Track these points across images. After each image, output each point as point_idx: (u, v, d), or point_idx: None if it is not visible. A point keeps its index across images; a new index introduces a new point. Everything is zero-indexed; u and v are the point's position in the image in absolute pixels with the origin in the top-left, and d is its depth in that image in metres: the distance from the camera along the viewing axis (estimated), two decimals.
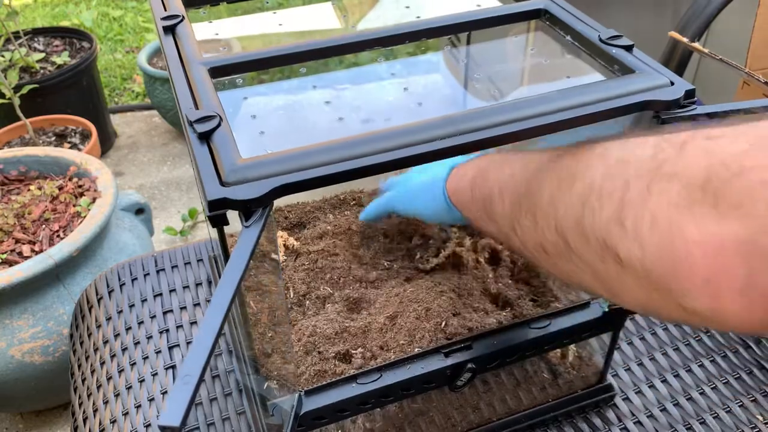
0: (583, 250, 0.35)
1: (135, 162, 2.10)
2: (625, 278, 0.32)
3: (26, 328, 1.13)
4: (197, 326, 0.71)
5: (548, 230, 0.37)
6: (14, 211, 1.24)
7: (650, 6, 1.67)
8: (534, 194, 0.39)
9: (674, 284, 0.29)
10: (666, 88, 0.43)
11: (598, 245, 0.33)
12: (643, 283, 0.31)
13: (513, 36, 0.58)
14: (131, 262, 0.79)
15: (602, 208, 0.32)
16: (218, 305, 0.29)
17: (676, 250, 0.28)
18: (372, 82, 0.57)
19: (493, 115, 0.40)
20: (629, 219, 0.31)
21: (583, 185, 0.34)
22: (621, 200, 0.31)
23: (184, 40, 0.49)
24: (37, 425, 1.36)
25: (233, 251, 0.32)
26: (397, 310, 0.54)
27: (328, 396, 0.48)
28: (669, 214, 0.29)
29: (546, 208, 0.37)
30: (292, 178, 0.36)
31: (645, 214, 0.30)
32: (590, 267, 0.35)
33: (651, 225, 0.29)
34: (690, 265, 0.28)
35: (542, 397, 0.60)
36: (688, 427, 0.61)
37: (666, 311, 0.32)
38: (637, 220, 0.30)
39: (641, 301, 0.33)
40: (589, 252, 0.34)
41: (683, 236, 0.28)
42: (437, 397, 0.55)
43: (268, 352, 0.49)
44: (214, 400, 0.64)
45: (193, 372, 0.26)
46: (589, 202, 0.33)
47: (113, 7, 2.98)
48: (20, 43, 1.94)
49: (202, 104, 0.41)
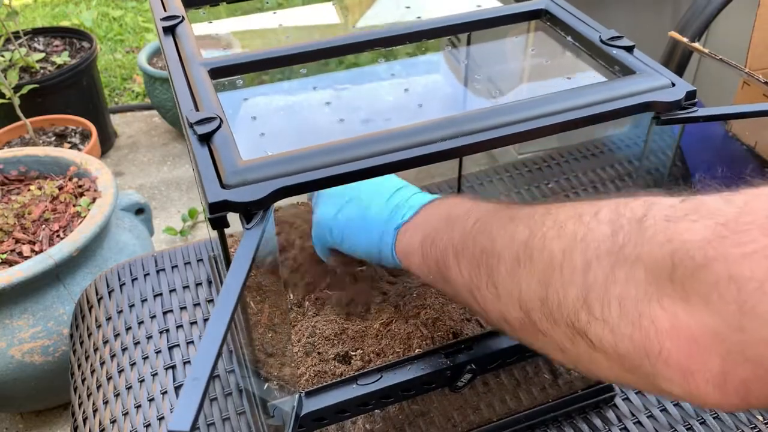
0: (550, 330, 0.34)
1: (135, 162, 2.10)
2: (596, 357, 0.32)
3: (26, 328, 1.13)
4: (197, 326, 0.71)
5: (512, 306, 0.37)
6: (14, 211, 1.24)
7: (650, 6, 1.67)
8: (493, 267, 0.38)
9: (650, 370, 0.29)
10: (667, 90, 0.43)
11: (566, 327, 0.33)
12: (615, 364, 0.31)
13: (513, 36, 0.58)
14: (131, 262, 0.79)
15: (566, 290, 0.32)
16: (223, 308, 0.29)
17: (649, 341, 0.29)
18: (372, 83, 0.57)
19: (494, 117, 0.40)
20: (596, 304, 0.31)
21: (543, 263, 0.34)
22: (584, 283, 0.31)
23: (184, 40, 0.49)
24: (37, 425, 1.36)
25: (235, 254, 0.32)
26: (391, 317, 0.54)
27: (328, 397, 0.48)
28: (638, 304, 0.29)
29: (508, 283, 0.37)
30: (294, 181, 0.36)
31: (612, 301, 0.30)
32: (558, 345, 0.35)
33: (620, 314, 0.30)
34: (665, 357, 0.28)
35: (542, 398, 0.60)
36: (688, 428, 0.61)
37: (641, 387, 0.33)
38: (605, 306, 0.30)
39: (613, 377, 0.34)
40: (557, 332, 0.34)
41: (656, 328, 0.28)
42: (437, 397, 0.55)
43: (268, 352, 0.49)
44: (214, 401, 0.64)
45: (201, 375, 0.26)
46: (552, 283, 0.33)
47: (113, 7, 2.98)
48: (20, 43, 1.94)
49: (202, 106, 0.41)
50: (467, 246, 0.41)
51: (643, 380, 0.31)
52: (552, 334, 0.34)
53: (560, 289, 0.33)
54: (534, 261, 0.35)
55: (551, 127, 0.40)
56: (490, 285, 0.38)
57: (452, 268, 0.42)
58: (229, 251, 0.39)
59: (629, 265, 0.30)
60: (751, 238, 0.26)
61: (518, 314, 0.36)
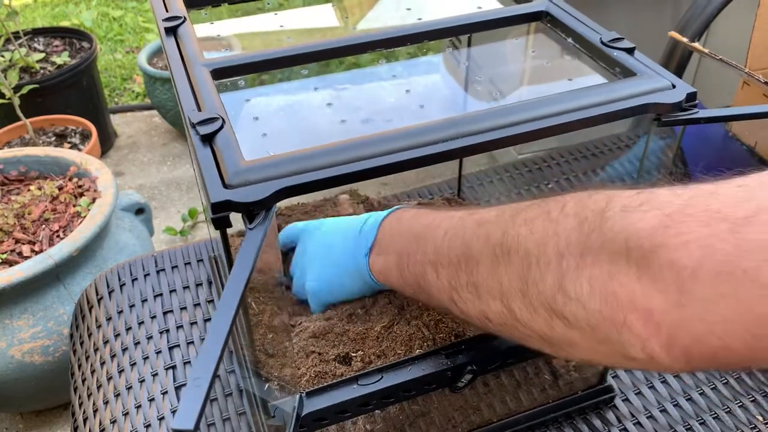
0: (529, 319, 0.38)
1: (135, 162, 2.10)
2: (572, 335, 0.37)
3: (26, 328, 1.13)
4: (198, 326, 0.71)
5: (493, 302, 0.41)
6: (14, 211, 1.24)
7: (650, 6, 1.67)
8: (472, 270, 0.41)
9: (617, 338, 0.34)
10: (668, 91, 0.43)
11: (545, 312, 0.37)
12: (589, 337, 0.36)
13: (514, 38, 0.58)
14: (131, 262, 0.79)
15: (544, 279, 0.36)
16: (225, 308, 0.29)
17: (615, 313, 0.33)
18: (374, 84, 0.57)
19: (495, 118, 0.40)
20: (570, 286, 0.35)
21: (519, 259, 0.38)
22: (559, 271, 0.36)
23: (186, 41, 0.49)
24: (37, 425, 1.36)
25: (238, 254, 0.32)
26: (393, 319, 0.54)
27: (329, 397, 0.48)
28: (603, 282, 0.34)
29: (488, 282, 0.40)
30: (296, 181, 0.36)
31: (583, 282, 0.34)
32: (537, 333, 0.39)
33: (590, 291, 0.34)
34: (628, 326, 0.33)
35: (542, 398, 0.61)
36: (688, 428, 0.61)
37: (610, 360, 0.39)
38: (577, 287, 0.35)
39: (586, 353, 0.38)
40: (536, 320, 0.38)
41: (619, 303, 0.33)
42: (438, 398, 0.56)
43: (269, 353, 0.49)
44: (215, 401, 0.64)
45: (204, 375, 0.26)
46: (530, 275, 0.37)
47: (113, 7, 2.98)
48: (20, 43, 1.94)
49: (204, 106, 0.42)
50: (443, 256, 0.44)
51: (612, 350, 0.35)
52: (531, 323, 0.38)
53: (539, 280, 0.37)
54: (512, 258, 0.39)
55: (552, 129, 0.41)
56: (470, 286, 0.42)
57: (431, 280, 0.45)
58: (231, 251, 0.39)
59: (595, 251, 0.34)
60: (689, 229, 0.30)
61: (499, 308, 0.40)
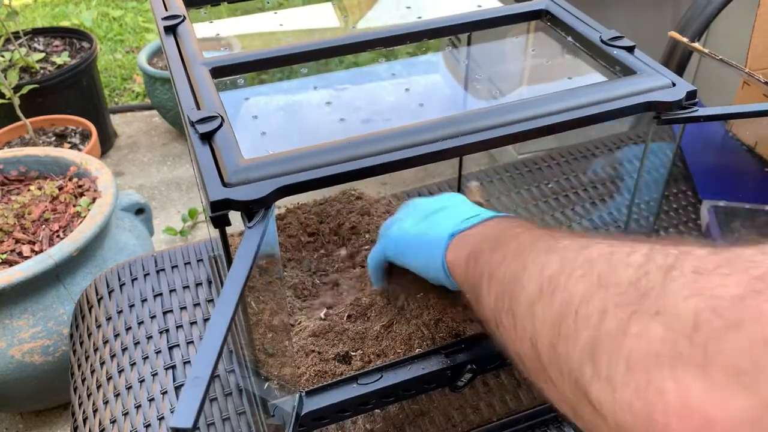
0: (559, 380, 0.31)
1: (135, 162, 2.10)
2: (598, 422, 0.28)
3: (26, 328, 1.13)
4: (197, 326, 0.71)
5: (525, 342, 0.34)
6: (14, 211, 1.24)
7: (650, 6, 1.67)
8: (515, 295, 0.35)
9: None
10: (668, 90, 0.43)
11: (572, 383, 0.29)
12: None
13: (514, 37, 0.58)
14: (131, 262, 0.79)
15: (577, 336, 0.29)
16: (224, 306, 0.29)
17: (651, 413, 0.24)
18: (373, 83, 0.57)
19: (495, 116, 0.40)
20: (604, 358, 0.27)
21: (559, 304, 0.31)
22: (597, 331, 0.28)
23: (186, 40, 0.49)
24: (37, 425, 1.36)
25: (237, 252, 0.32)
26: (393, 318, 0.54)
27: (329, 396, 0.48)
28: (647, 364, 0.25)
29: (523, 315, 0.34)
30: (295, 179, 0.36)
31: (620, 356, 0.26)
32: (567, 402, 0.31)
33: (626, 373, 0.26)
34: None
35: (542, 398, 0.60)
36: None
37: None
38: (612, 361, 0.26)
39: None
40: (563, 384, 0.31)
41: (662, 399, 0.24)
42: (438, 397, 0.55)
43: (268, 352, 0.49)
44: (214, 401, 0.64)
45: (203, 374, 0.26)
46: (565, 324, 0.30)
47: (113, 7, 2.98)
48: (20, 43, 1.94)
49: (204, 105, 0.41)
50: (500, 270, 0.38)
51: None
52: (561, 386, 0.31)
53: (571, 336, 0.29)
54: (554, 298, 0.32)
55: (552, 127, 0.40)
56: (509, 313, 0.36)
57: (484, 292, 0.40)
58: (230, 250, 0.39)
59: (647, 318, 0.26)
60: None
61: (530, 352, 0.33)
